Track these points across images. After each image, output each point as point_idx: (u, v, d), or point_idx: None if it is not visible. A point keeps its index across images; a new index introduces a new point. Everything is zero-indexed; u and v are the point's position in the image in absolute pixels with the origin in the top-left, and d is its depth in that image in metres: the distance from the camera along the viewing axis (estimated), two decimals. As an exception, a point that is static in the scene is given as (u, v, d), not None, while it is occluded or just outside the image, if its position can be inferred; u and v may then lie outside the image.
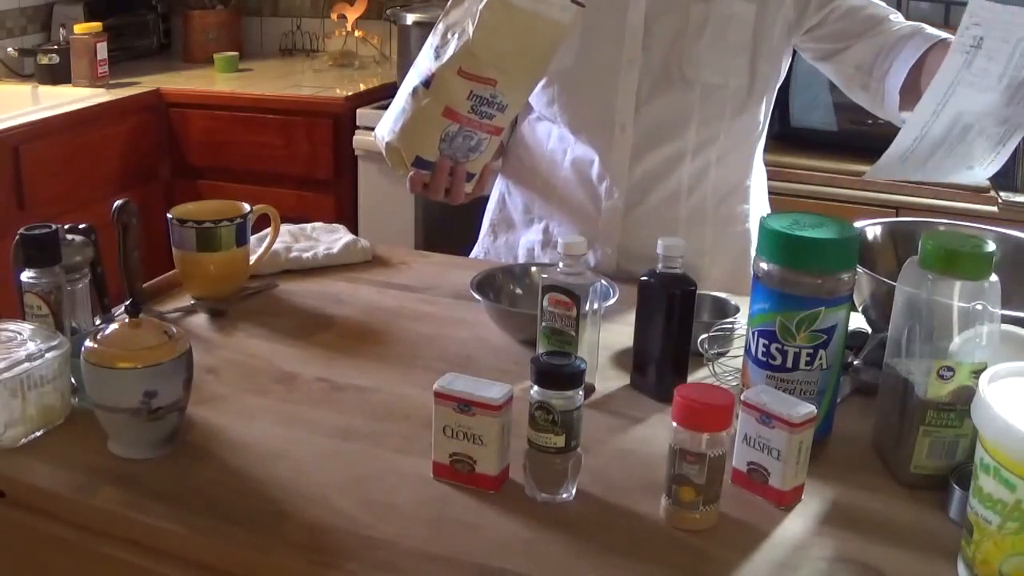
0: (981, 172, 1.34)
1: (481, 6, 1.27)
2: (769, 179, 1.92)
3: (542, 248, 1.63)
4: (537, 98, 1.57)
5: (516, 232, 1.68)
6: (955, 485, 0.93)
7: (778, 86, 1.56)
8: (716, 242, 1.57)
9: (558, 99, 1.54)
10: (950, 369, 0.93)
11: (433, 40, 1.33)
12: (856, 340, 1.19)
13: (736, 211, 1.60)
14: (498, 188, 1.72)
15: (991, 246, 0.94)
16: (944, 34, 1.40)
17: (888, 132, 1.26)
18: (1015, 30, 1.15)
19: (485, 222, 1.74)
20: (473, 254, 1.75)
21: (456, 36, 1.29)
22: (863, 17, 1.47)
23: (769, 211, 1.69)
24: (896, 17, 1.48)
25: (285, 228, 1.57)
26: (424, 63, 1.33)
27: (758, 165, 1.64)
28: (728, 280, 1.50)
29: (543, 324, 1.14)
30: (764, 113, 1.56)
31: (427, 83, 1.31)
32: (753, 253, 1.59)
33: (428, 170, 1.36)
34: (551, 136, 1.60)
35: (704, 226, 1.57)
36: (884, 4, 1.50)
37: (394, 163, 1.38)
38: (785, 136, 2.62)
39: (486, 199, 1.74)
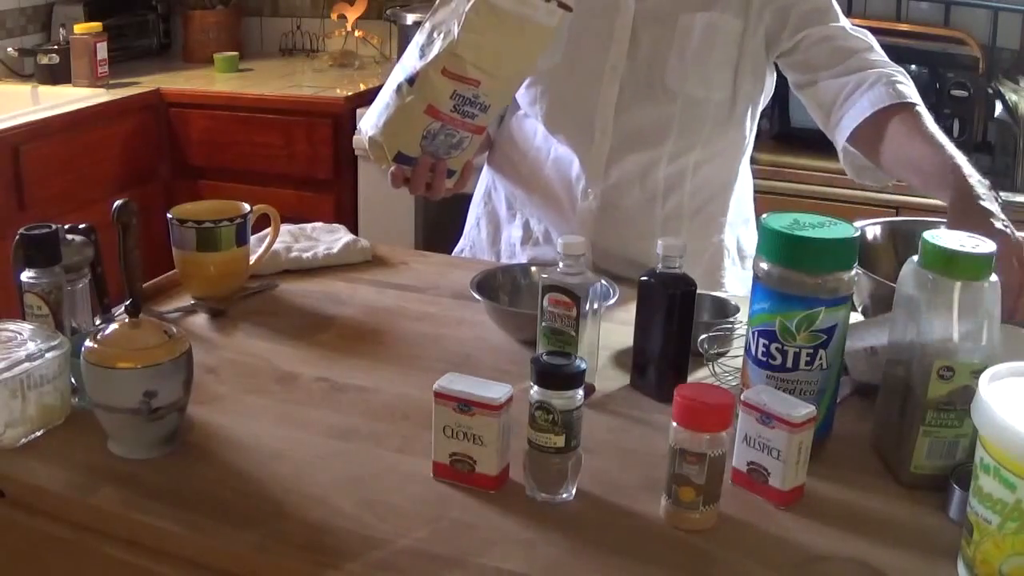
0: None
1: (467, 7, 1.27)
2: (769, 179, 1.94)
3: (522, 244, 1.64)
4: (522, 96, 1.58)
5: (500, 226, 1.69)
6: (955, 485, 0.93)
7: (765, 102, 1.56)
8: (691, 249, 1.56)
9: (541, 99, 1.55)
10: (950, 369, 0.93)
11: (419, 38, 1.33)
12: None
13: (714, 221, 1.60)
14: (484, 182, 1.73)
15: (991, 246, 0.94)
16: (905, 93, 1.35)
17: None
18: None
19: (471, 215, 1.75)
20: (458, 247, 1.76)
21: (441, 36, 1.29)
22: (832, 49, 1.43)
23: (752, 225, 1.69)
24: (872, 55, 1.42)
25: (285, 228, 1.57)
26: (410, 60, 1.34)
27: (743, 178, 1.64)
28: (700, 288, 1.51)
29: (543, 324, 1.14)
30: (749, 128, 1.56)
31: (411, 80, 1.31)
32: (726, 264, 1.61)
33: (409, 165, 1.37)
34: (537, 133, 1.61)
35: (680, 233, 1.56)
36: (862, 37, 1.45)
37: (376, 157, 1.39)
38: (785, 136, 2.62)
39: (470, 197, 1.75)
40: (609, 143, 1.51)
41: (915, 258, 0.97)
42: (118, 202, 1.31)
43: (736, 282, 1.63)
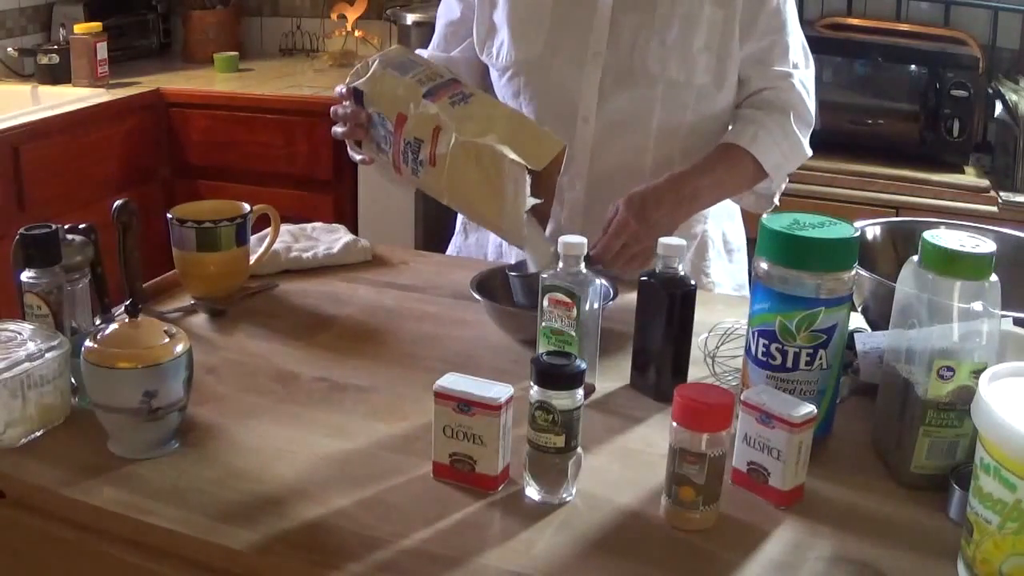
0: None
1: (498, 149, 1.27)
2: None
3: (509, 245, 1.63)
4: (503, 90, 1.58)
5: (486, 230, 1.68)
6: (955, 485, 0.93)
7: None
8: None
9: (523, 90, 1.55)
10: (950, 369, 0.93)
11: (472, 88, 1.39)
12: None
13: (698, 212, 1.59)
14: None
15: (991, 246, 0.94)
16: (750, 135, 1.48)
17: (889, 132, 1.26)
18: None
19: (458, 221, 1.75)
20: (447, 253, 1.76)
21: (472, 121, 1.31)
22: (767, 73, 1.51)
23: (738, 219, 1.70)
24: (772, 88, 1.51)
25: (285, 228, 1.57)
26: (447, 91, 1.36)
27: None
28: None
29: (543, 324, 1.14)
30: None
31: (426, 95, 1.34)
32: (711, 256, 1.61)
33: (355, 101, 1.41)
34: None
35: None
36: (791, 58, 1.53)
37: (357, 71, 1.43)
38: (785, 136, 2.62)
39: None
40: (593, 131, 1.52)
41: (915, 258, 0.97)
42: (118, 202, 1.32)
43: (723, 274, 1.64)
